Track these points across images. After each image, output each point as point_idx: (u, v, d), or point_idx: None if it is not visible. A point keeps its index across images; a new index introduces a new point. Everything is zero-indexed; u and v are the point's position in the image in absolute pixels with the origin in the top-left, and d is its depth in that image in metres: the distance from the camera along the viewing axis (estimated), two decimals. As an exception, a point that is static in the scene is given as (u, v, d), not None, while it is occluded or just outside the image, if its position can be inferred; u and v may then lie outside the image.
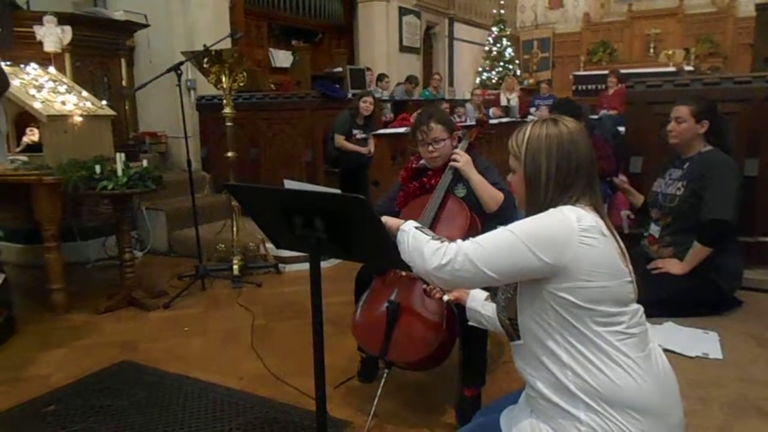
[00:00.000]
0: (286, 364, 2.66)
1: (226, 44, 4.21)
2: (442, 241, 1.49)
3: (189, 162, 3.94)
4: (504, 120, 8.16)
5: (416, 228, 1.55)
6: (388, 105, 7.58)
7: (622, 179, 3.37)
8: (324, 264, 4.47)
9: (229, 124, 3.86)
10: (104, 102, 3.70)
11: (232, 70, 3.71)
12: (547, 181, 1.45)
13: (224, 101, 3.79)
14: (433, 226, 2.18)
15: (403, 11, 9.94)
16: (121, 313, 3.39)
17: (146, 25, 4.68)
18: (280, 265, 4.18)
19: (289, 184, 1.64)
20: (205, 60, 3.65)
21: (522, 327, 1.47)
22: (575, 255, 1.34)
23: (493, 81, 12.47)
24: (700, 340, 2.58)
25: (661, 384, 1.38)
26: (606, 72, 11.48)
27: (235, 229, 4.01)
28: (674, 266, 2.83)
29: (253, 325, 3.14)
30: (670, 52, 12.26)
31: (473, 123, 7.30)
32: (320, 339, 1.71)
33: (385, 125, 7.09)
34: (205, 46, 3.60)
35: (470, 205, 2.26)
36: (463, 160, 2.21)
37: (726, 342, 2.56)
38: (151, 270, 4.27)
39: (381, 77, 8.38)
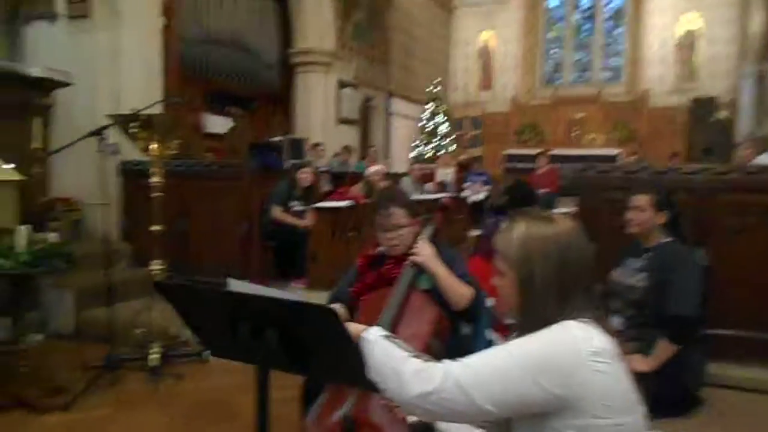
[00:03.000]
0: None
1: (158, 107, 3.88)
2: (421, 358, 1.22)
3: (104, 233, 3.49)
4: (441, 195, 8.15)
5: (385, 338, 1.27)
6: (327, 176, 7.39)
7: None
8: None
9: (157, 194, 3.49)
10: (11, 165, 3.25)
11: (164, 136, 3.39)
12: (543, 289, 1.23)
13: (152, 169, 3.43)
14: (395, 327, 1.90)
15: (341, 84, 9.98)
16: (9, 416, 2.82)
17: (67, 84, 4.29)
18: (204, 353, 3.72)
19: (235, 284, 1.33)
20: (133, 125, 3.31)
21: (518, 470, 1.20)
22: (585, 385, 1.10)
23: (428, 155, 12.66)
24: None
25: None
26: (535, 151, 12.00)
27: (155, 308, 3.55)
28: (640, 363, 2.67)
29: (171, 432, 2.67)
30: (592, 136, 13.00)
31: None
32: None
33: (325, 197, 6.88)
34: (133, 109, 3.28)
35: (436, 299, 2.02)
36: (425, 254, 1.98)
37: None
38: (52, 359, 3.66)
39: (315, 145, 8.24)
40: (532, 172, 10.56)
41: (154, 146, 3.35)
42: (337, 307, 1.91)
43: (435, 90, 13.41)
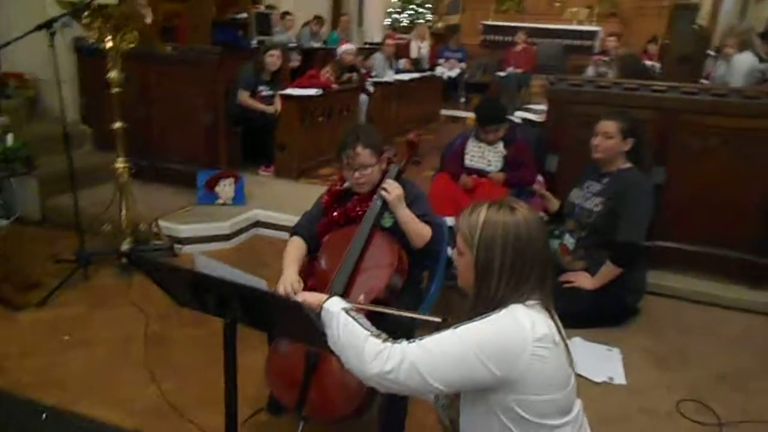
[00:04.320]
0: (186, 389, 2.42)
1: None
2: (381, 338, 1.32)
3: (64, 115, 3.34)
4: (415, 75, 7.95)
5: (346, 312, 1.36)
6: (295, 52, 7.06)
7: (539, 181, 3.33)
8: (223, 244, 4.13)
9: (116, 89, 3.33)
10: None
11: (119, 28, 3.16)
12: (500, 275, 1.32)
13: (109, 64, 3.25)
14: (359, 264, 1.99)
15: (312, -59, 9.15)
16: (-19, 314, 2.93)
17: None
18: (176, 246, 3.81)
19: (202, 262, 1.36)
20: (86, 14, 3.07)
21: (464, 430, 1.37)
22: (527, 368, 1.24)
23: (403, 24, 12.06)
24: (605, 360, 2.67)
25: None
26: (515, 24, 11.54)
27: (123, 205, 3.56)
28: (585, 281, 2.88)
29: (146, 333, 2.83)
30: (575, 9, 12.47)
31: (383, 80, 7.02)
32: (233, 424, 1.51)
33: (293, 73, 6.64)
34: (84, -3, 3.02)
35: (398, 238, 2.10)
36: (394, 193, 2.02)
37: (628, 361, 2.68)
38: (21, 248, 3.72)
39: (284, 14, 7.76)
40: (509, 47, 10.26)
41: (108, 40, 3.13)
42: (295, 282, 1.97)
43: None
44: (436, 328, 1.36)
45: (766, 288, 3.30)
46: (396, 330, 1.41)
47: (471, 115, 9.17)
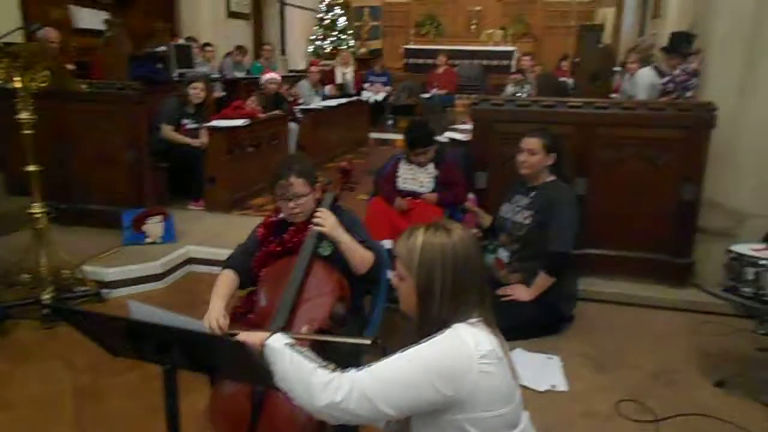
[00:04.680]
0: (125, 445, 2.29)
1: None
2: (329, 368, 1.31)
3: None
4: (342, 101, 8.02)
5: (290, 347, 1.34)
6: (218, 83, 6.98)
7: (470, 198, 3.43)
8: (156, 285, 3.97)
9: (27, 131, 3.16)
10: None
11: (29, 67, 3.02)
12: (441, 296, 1.35)
13: (18, 105, 3.08)
14: (299, 295, 1.97)
15: (229, -28, 9.14)
16: None
17: None
18: (104, 291, 3.62)
19: (136, 308, 1.31)
20: (-10, 54, 2.91)
21: (417, 453, 1.37)
22: (474, 385, 1.26)
23: (326, 50, 12.18)
24: (546, 369, 2.74)
25: None
26: (436, 47, 11.91)
27: (42, 252, 3.35)
28: (522, 293, 2.97)
29: (75, 387, 2.65)
30: (490, 31, 13.03)
31: (311, 106, 7.04)
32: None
33: (217, 104, 6.54)
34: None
35: (337, 265, 2.09)
36: (328, 223, 2.01)
37: (567, 367, 2.77)
38: (-73, 306, 3.43)
39: (204, 46, 7.66)
40: (431, 70, 10.56)
41: (18, 79, 2.98)
42: (221, 317, 1.95)
43: (332, -23, 12.63)
44: (383, 353, 1.36)
45: (684, 286, 3.52)
46: (343, 360, 1.40)
47: (400, 137, 9.37)
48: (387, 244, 2.83)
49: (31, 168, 3.23)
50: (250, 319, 2.03)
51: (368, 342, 1.49)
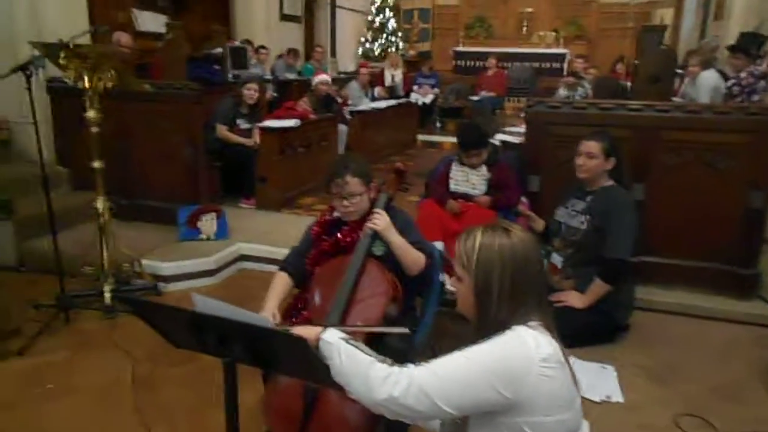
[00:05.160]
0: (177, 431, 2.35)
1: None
2: (386, 363, 1.31)
3: (41, 155, 3.27)
4: (391, 103, 8.04)
5: (345, 341, 1.35)
6: (270, 84, 7.11)
7: (523, 201, 3.37)
8: (209, 280, 4.05)
9: (94, 129, 3.29)
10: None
11: (96, 67, 3.14)
12: (500, 297, 1.33)
13: (87, 103, 3.22)
14: (353, 294, 1.98)
15: (283, -25, 9.30)
16: (-41, 365, 2.81)
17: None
18: (160, 285, 3.74)
19: (200, 301, 1.34)
20: (62, 55, 3.05)
21: (473, 455, 1.35)
22: (535, 388, 1.24)
23: (376, 53, 12.24)
24: (601, 379, 2.67)
25: None
26: (485, 50, 11.81)
27: (105, 245, 3.48)
28: (576, 300, 2.90)
29: (133, 377, 2.75)
30: (542, 33, 12.82)
31: (360, 108, 7.09)
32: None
33: (269, 105, 6.66)
34: (60, 39, 3.00)
35: (390, 266, 2.09)
36: (382, 223, 2.01)
37: (622, 377, 2.69)
38: (-2, 294, 3.62)
39: (259, 49, 7.82)
40: (481, 72, 10.47)
41: (86, 80, 3.11)
42: (269, 318, 1.97)
43: (383, -20, 12.70)
44: (432, 354, 1.36)
45: (749, 298, 3.36)
46: (391, 356, 1.39)
47: (447, 139, 9.32)
48: (438, 246, 2.82)
49: (96, 165, 3.36)
50: (303, 316, 2.06)
51: (405, 331, 1.49)
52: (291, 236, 2.28)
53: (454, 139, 9.09)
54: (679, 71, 4.93)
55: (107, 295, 3.39)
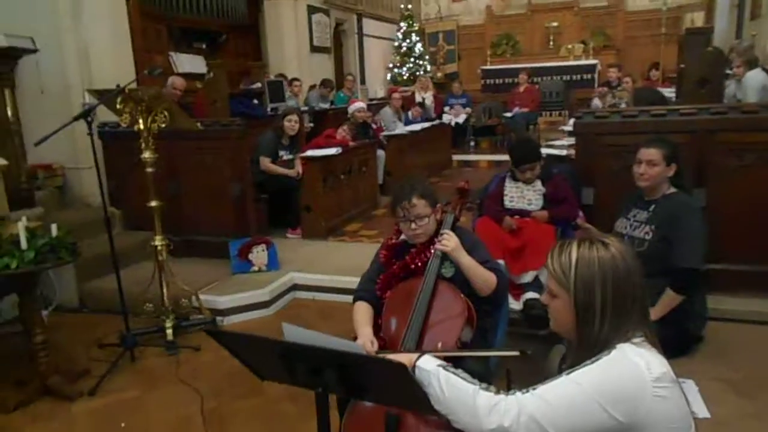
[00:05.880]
0: (254, 466, 2.34)
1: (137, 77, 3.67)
2: (491, 390, 1.27)
3: (104, 198, 3.35)
4: (425, 125, 8.06)
5: (443, 368, 1.31)
6: (306, 115, 7.22)
7: (580, 215, 3.30)
8: (264, 312, 4.05)
9: (150, 169, 3.37)
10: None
11: (151, 109, 3.24)
12: (602, 314, 1.27)
13: (143, 145, 3.30)
14: (427, 317, 1.94)
15: (311, 9, 9.50)
16: (36, 408, 2.86)
17: (34, 50, 4.00)
18: (218, 319, 3.78)
19: (290, 330, 1.33)
20: (119, 100, 3.15)
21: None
22: (649, 411, 1.17)
23: (404, 77, 12.34)
24: (682, 394, 2.54)
25: None
26: (513, 66, 11.78)
27: (163, 282, 3.53)
28: (646, 313, 2.78)
29: (203, 412, 2.75)
30: (570, 46, 12.74)
31: (395, 132, 7.12)
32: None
33: (307, 137, 6.75)
34: (118, 85, 3.10)
35: (460, 286, 2.05)
36: (452, 244, 1.99)
37: (705, 392, 2.56)
38: (62, 335, 3.68)
39: (292, 81, 7.97)
40: (513, 89, 10.43)
41: (140, 122, 3.20)
42: (370, 342, 1.94)
43: (407, 6, 12.86)
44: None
45: (825, 301, 3.20)
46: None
47: (483, 157, 9.28)
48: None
49: (153, 203, 3.43)
50: (378, 342, 2.02)
51: (516, 353, 1.44)
52: (340, 263, 2.27)
53: (489, 158, 9.22)
54: (729, 72, 4.81)
55: (169, 331, 3.44)
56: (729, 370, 2.73)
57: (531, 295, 3.08)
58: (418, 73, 11.97)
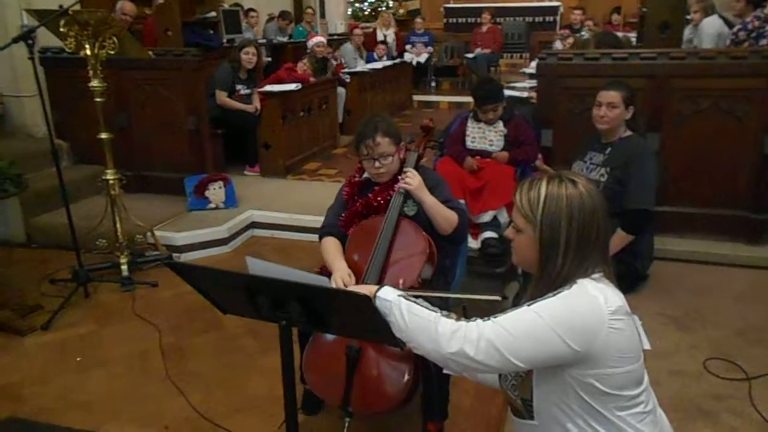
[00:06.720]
0: (214, 398, 2.36)
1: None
2: (451, 317, 1.30)
3: (50, 128, 3.15)
4: (387, 63, 7.90)
5: (404, 297, 1.34)
6: (263, 48, 6.94)
7: (539, 156, 3.35)
8: (222, 249, 4.01)
9: (98, 99, 3.20)
10: None
11: (98, 34, 3.04)
12: (566, 250, 1.30)
13: (90, 73, 3.11)
14: (389, 254, 1.96)
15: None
16: (-17, 342, 2.80)
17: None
18: (175, 255, 3.72)
19: (254, 263, 1.31)
20: (63, 23, 2.93)
21: (538, 409, 1.35)
22: (605, 342, 1.23)
23: (366, 13, 11.96)
24: (627, 328, 2.68)
25: None
26: (476, 5, 11.55)
27: (117, 218, 3.43)
28: (597, 252, 2.89)
29: (161, 346, 2.74)
30: (533, -15, 12.52)
31: (356, 70, 6.95)
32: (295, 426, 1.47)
33: (266, 71, 6.52)
34: (61, 6, 2.88)
35: (422, 224, 2.07)
36: (415, 182, 1.98)
37: (647, 326, 2.69)
38: (11, 271, 3.56)
39: (248, 12, 7.61)
40: (475, 29, 10.27)
41: (87, 48, 3.01)
42: (346, 275, 1.92)
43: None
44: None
45: (763, 243, 3.39)
46: None
47: (444, 98, 9.21)
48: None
49: (104, 135, 3.28)
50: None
51: (498, 299, 1.47)
52: (299, 202, 2.25)
53: (450, 99, 9.16)
54: (687, 17, 4.84)
55: (123, 267, 3.37)
56: (669, 306, 2.89)
57: (489, 234, 3.14)
58: (379, 9, 11.61)
